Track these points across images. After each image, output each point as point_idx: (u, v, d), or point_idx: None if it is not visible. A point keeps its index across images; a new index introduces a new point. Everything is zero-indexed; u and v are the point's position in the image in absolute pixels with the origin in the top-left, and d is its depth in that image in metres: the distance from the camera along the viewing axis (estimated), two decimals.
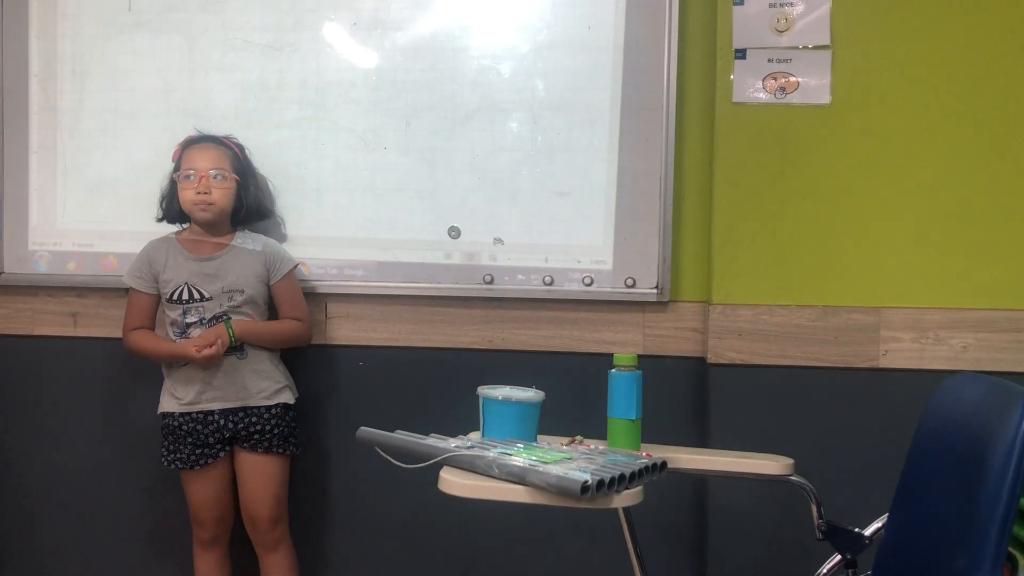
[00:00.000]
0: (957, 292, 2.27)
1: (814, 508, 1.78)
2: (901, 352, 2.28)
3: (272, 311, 2.42)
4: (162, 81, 2.61)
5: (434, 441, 1.68)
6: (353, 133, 2.54)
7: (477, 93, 2.50)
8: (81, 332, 2.67)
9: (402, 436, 1.71)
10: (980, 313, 2.26)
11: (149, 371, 2.62)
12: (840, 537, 1.76)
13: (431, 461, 1.59)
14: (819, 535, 1.78)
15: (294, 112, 2.55)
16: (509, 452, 1.60)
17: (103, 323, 2.65)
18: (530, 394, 1.78)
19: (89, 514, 2.69)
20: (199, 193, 2.29)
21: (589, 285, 2.46)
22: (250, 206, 2.39)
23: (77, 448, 2.69)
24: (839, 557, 1.78)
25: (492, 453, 1.58)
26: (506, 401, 1.76)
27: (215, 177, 2.31)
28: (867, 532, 1.74)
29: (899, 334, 2.28)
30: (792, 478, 1.78)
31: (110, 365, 2.65)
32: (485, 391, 1.79)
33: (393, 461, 1.64)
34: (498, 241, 2.50)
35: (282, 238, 2.53)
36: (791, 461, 1.78)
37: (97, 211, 2.64)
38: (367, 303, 2.54)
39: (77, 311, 2.67)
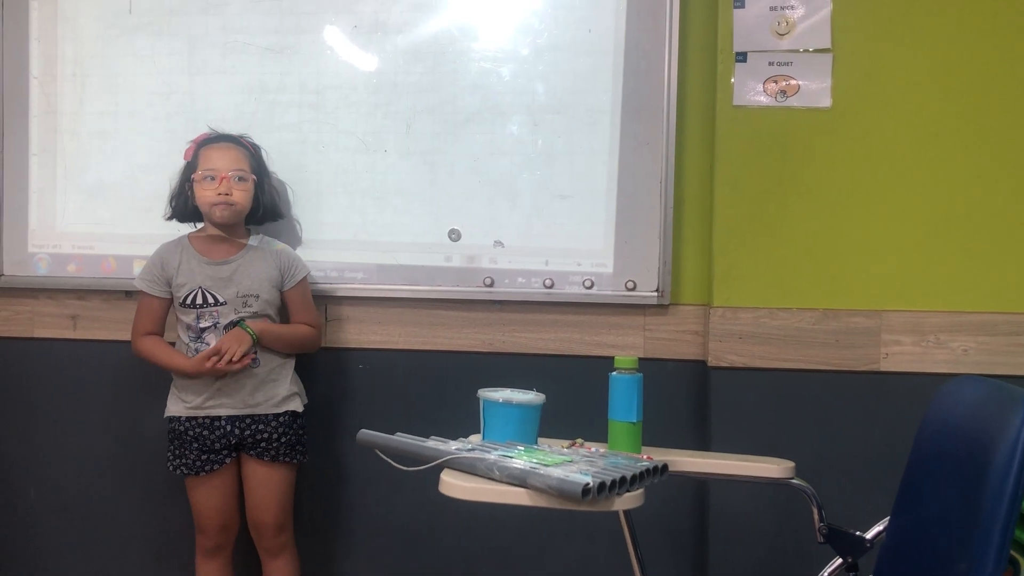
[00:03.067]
0: (958, 295, 2.27)
1: (815, 511, 1.77)
2: (902, 355, 2.28)
3: (283, 317, 2.41)
4: (162, 84, 2.61)
5: (435, 444, 1.67)
6: (353, 136, 2.54)
7: (477, 96, 2.50)
8: (81, 335, 2.66)
9: (403, 439, 1.71)
10: (981, 316, 2.26)
11: (149, 375, 2.62)
12: (841, 540, 1.76)
13: (432, 464, 1.59)
14: (820, 538, 1.77)
15: (294, 115, 2.55)
16: (510, 455, 1.59)
17: (103, 326, 2.65)
18: (531, 397, 1.78)
19: (88, 518, 2.69)
20: (220, 194, 2.26)
21: (590, 288, 2.46)
22: (267, 207, 2.37)
23: (76, 451, 2.68)
24: (840, 560, 1.77)
25: (493, 456, 1.57)
26: (507, 404, 1.76)
27: (236, 179, 2.29)
28: (868, 535, 1.73)
29: (900, 337, 2.28)
30: (793, 481, 1.78)
31: (110, 368, 2.65)
32: (486, 394, 1.79)
33: (394, 464, 1.64)
34: (498, 244, 2.50)
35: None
36: (792, 464, 1.78)
37: (97, 213, 2.64)
38: (367, 306, 2.54)
39: (77, 313, 2.67)
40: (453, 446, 1.65)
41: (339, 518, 2.60)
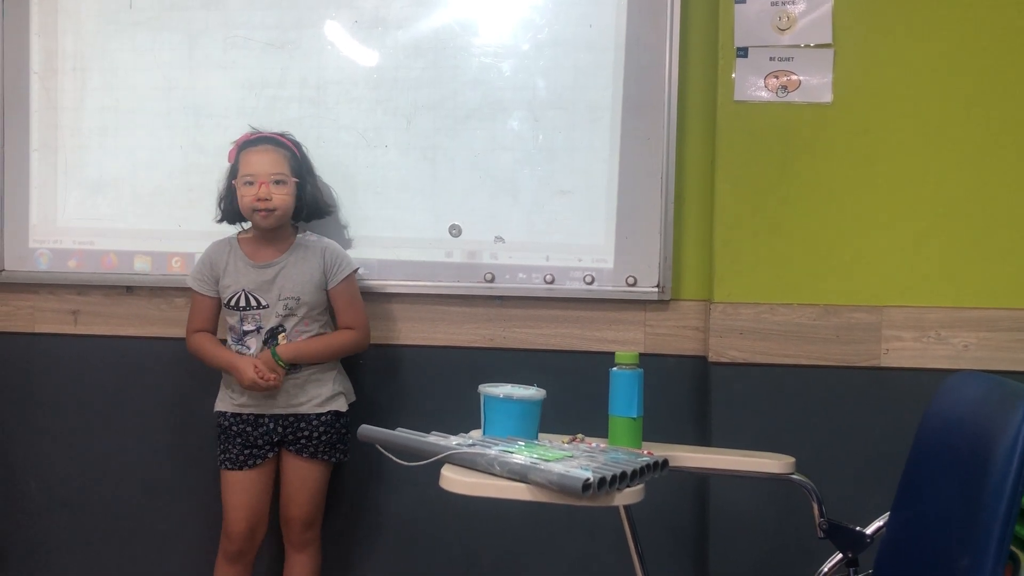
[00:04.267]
0: (959, 291, 2.27)
1: (815, 506, 1.77)
2: (903, 351, 2.28)
3: (332, 315, 2.40)
4: (163, 79, 2.60)
5: (435, 439, 1.67)
6: (354, 131, 2.54)
7: (478, 91, 2.49)
8: (81, 330, 2.66)
9: (403, 434, 1.71)
10: (982, 312, 2.26)
11: (150, 370, 2.62)
12: (841, 535, 1.76)
13: (433, 459, 1.59)
14: (820, 534, 1.77)
15: (295, 110, 2.55)
16: (510, 450, 1.59)
17: (103, 321, 2.65)
18: (531, 392, 1.78)
19: (89, 513, 2.69)
20: (260, 199, 2.25)
21: (590, 284, 2.46)
22: (310, 205, 2.36)
23: (77, 446, 2.68)
24: (840, 556, 1.77)
25: (493, 451, 1.57)
26: (507, 399, 1.76)
27: (275, 182, 2.26)
28: (868, 531, 1.73)
29: (901, 333, 2.28)
30: (793, 476, 1.78)
31: (110, 363, 2.65)
32: (486, 389, 1.79)
33: (395, 459, 1.64)
34: (499, 239, 2.50)
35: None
36: (792, 460, 1.78)
37: (97, 209, 2.64)
38: (368, 301, 2.53)
39: (77, 309, 2.67)
40: (454, 441, 1.65)
41: (339, 513, 2.60)
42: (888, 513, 1.69)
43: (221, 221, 2.40)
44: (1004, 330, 2.26)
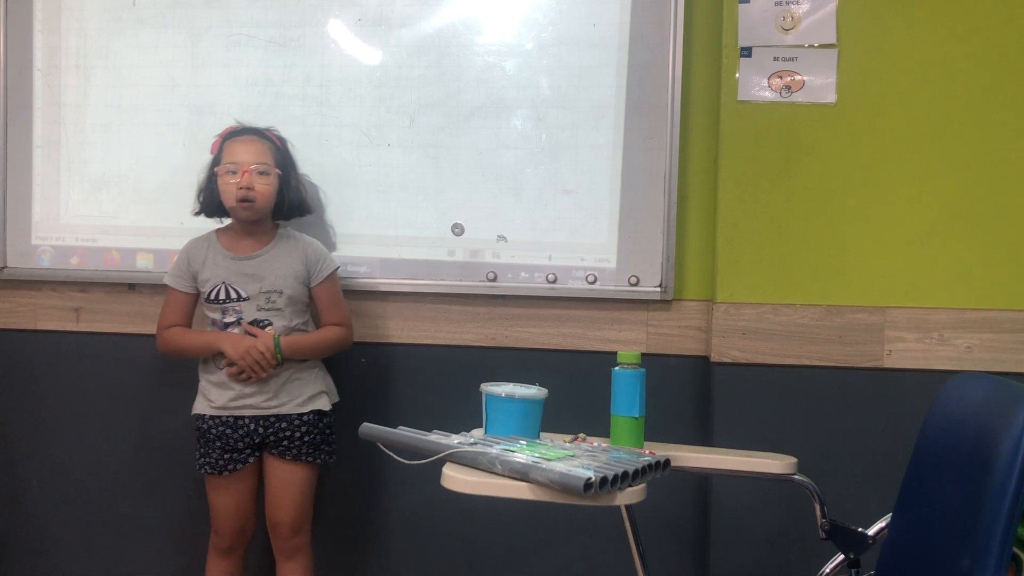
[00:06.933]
0: (962, 292, 2.26)
1: (817, 507, 1.77)
2: (905, 352, 2.28)
3: (313, 309, 2.38)
4: (166, 76, 2.60)
5: (437, 438, 1.67)
6: (357, 130, 2.54)
7: (481, 90, 2.49)
8: (84, 327, 2.67)
9: (405, 432, 1.71)
10: (985, 313, 2.26)
11: (152, 368, 2.62)
12: (844, 536, 1.76)
13: (434, 457, 1.59)
14: (822, 534, 1.77)
15: (298, 108, 2.55)
16: (512, 449, 1.59)
17: (106, 318, 2.65)
18: (533, 391, 1.78)
19: (90, 510, 2.69)
20: (241, 188, 2.22)
21: (593, 283, 2.46)
22: (292, 201, 2.33)
23: (79, 444, 2.69)
24: (842, 557, 1.77)
25: (495, 450, 1.57)
26: (509, 398, 1.76)
27: (258, 172, 2.24)
28: (871, 532, 1.73)
29: (903, 334, 2.28)
30: (795, 477, 1.77)
31: (112, 360, 2.66)
32: (488, 388, 1.79)
33: (396, 457, 1.64)
34: (501, 238, 2.50)
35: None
36: (794, 460, 1.78)
37: (100, 206, 2.64)
38: (370, 300, 2.54)
39: (80, 306, 2.67)
40: (455, 440, 1.65)
41: (340, 512, 2.60)
42: (890, 514, 1.69)
43: (199, 214, 2.36)
44: (1007, 331, 2.25)
